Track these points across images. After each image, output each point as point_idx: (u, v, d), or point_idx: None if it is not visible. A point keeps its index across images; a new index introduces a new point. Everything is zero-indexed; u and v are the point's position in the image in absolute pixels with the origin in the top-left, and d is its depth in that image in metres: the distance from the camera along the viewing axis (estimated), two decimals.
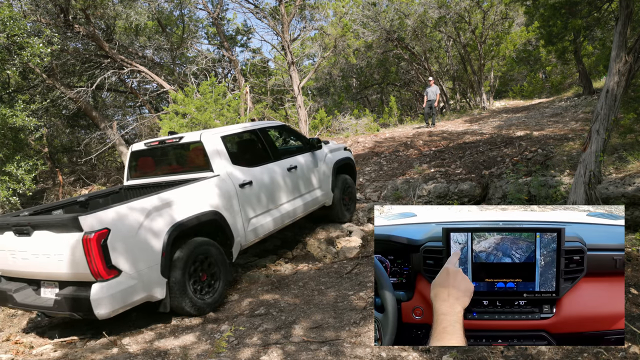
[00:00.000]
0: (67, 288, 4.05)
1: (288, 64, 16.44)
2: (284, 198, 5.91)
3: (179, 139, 5.50)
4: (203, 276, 4.60)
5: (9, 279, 4.65)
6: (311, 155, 6.65)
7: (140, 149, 5.94)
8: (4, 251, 4.40)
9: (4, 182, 8.02)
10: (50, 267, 4.02)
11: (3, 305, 4.71)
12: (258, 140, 6.15)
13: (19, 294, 4.40)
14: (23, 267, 4.28)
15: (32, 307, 4.36)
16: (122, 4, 12.95)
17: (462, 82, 22.04)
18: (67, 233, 3.83)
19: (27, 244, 4.15)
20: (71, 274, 3.92)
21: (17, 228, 4.20)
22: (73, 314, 4.00)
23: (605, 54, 14.79)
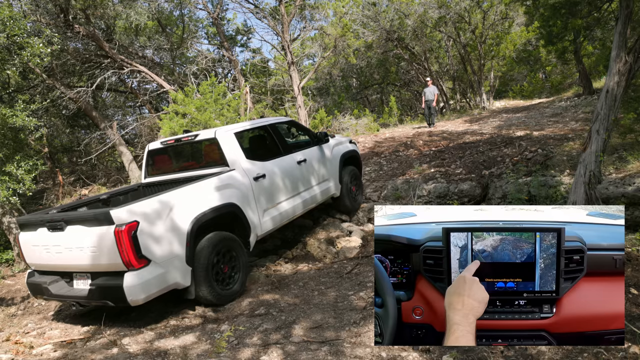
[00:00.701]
0: (100, 278, 4.33)
1: (288, 64, 16.44)
2: (295, 190, 6.15)
3: (194, 136, 5.74)
4: (224, 268, 4.85)
5: (41, 272, 4.95)
6: (319, 148, 6.87)
7: (156, 148, 6.21)
8: (38, 247, 4.68)
9: (4, 182, 8.01)
10: (83, 259, 4.29)
11: (40, 297, 5.02)
12: (269, 136, 6.38)
13: (54, 286, 4.69)
14: (57, 260, 4.56)
15: (67, 298, 4.66)
16: (122, 4, 12.95)
17: (462, 82, 22.04)
18: (100, 227, 4.11)
19: (60, 238, 4.43)
20: (104, 265, 4.19)
21: (51, 224, 4.48)
22: (107, 302, 4.30)
23: (605, 54, 14.79)
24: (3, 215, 9.47)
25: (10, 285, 8.22)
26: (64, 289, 4.68)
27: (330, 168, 6.99)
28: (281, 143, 6.38)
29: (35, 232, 4.72)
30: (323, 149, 6.97)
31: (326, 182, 6.88)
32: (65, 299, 4.71)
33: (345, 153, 7.38)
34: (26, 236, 4.86)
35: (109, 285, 4.19)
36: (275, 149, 6.23)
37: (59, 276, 4.77)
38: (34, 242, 4.73)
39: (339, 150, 7.30)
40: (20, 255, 5.09)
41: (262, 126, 6.40)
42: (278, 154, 6.15)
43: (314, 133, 7.09)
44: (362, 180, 8.31)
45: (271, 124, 6.49)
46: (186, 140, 5.86)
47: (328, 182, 6.92)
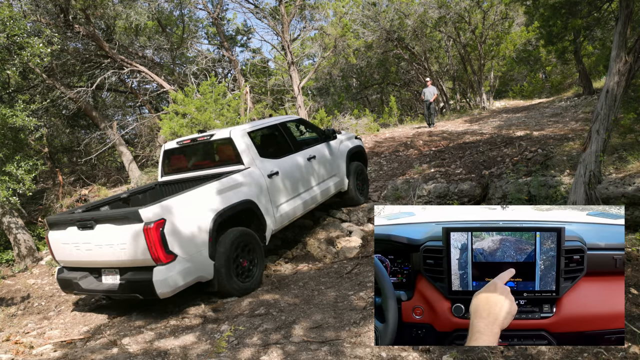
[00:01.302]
0: (129, 273, 4.56)
1: (288, 64, 16.44)
2: (306, 185, 6.41)
3: (209, 136, 5.98)
4: (243, 262, 5.10)
5: (70, 269, 5.18)
6: (327, 145, 7.10)
7: (172, 147, 6.44)
8: (67, 244, 4.91)
9: (4, 182, 8.01)
10: (113, 256, 4.52)
11: (69, 291, 5.26)
12: (280, 134, 6.63)
13: (84, 281, 4.93)
14: (87, 257, 4.79)
15: (97, 292, 4.92)
16: (122, 4, 12.94)
17: (462, 82, 22.03)
18: (129, 225, 4.32)
19: (90, 236, 4.65)
20: (134, 261, 4.41)
21: (81, 223, 4.70)
22: (137, 295, 4.53)
23: (605, 54, 14.79)
24: (3, 215, 9.47)
25: (10, 285, 8.22)
26: (94, 283, 4.90)
27: (338, 164, 7.23)
28: (292, 141, 6.63)
29: (64, 231, 4.93)
30: (331, 145, 7.18)
31: (334, 177, 7.11)
32: (96, 293, 4.99)
33: (351, 149, 7.60)
34: (55, 235, 5.07)
35: (139, 280, 4.42)
36: (286, 146, 6.48)
37: (88, 272, 4.99)
38: (64, 240, 4.95)
39: (345, 146, 7.52)
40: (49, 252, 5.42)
41: (274, 125, 6.63)
42: (289, 151, 6.38)
43: (322, 130, 7.31)
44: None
45: (282, 123, 6.72)
46: (202, 140, 6.07)
47: (336, 177, 7.14)
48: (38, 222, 10.69)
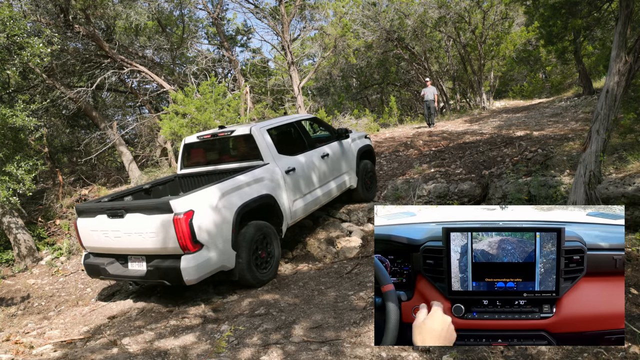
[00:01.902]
0: (155, 260, 4.77)
1: (288, 64, 16.44)
2: (320, 182, 6.66)
3: (230, 132, 6.22)
4: (262, 254, 5.33)
5: (96, 255, 5.40)
6: (339, 143, 7.36)
7: (192, 141, 6.67)
8: (96, 231, 5.12)
9: (4, 182, 8.01)
10: (142, 243, 4.74)
11: (96, 276, 5.47)
12: (296, 131, 6.91)
13: (111, 267, 5.14)
14: (115, 244, 5.00)
15: (124, 278, 5.16)
16: (122, 4, 12.93)
17: (462, 82, 22.03)
18: (160, 215, 4.55)
19: (120, 224, 4.86)
20: (162, 249, 4.64)
21: (112, 212, 4.92)
22: (164, 282, 4.75)
23: (605, 54, 14.78)
24: (3, 215, 9.47)
25: (10, 285, 8.22)
26: (120, 269, 5.12)
27: (349, 162, 7.50)
28: (307, 139, 6.91)
29: (93, 219, 5.14)
30: (343, 144, 7.44)
31: (345, 174, 7.37)
32: (122, 278, 5.24)
33: (361, 147, 7.87)
34: (84, 222, 5.28)
35: (167, 267, 4.63)
36: (302, 144, 6.74)
37: (114, 258, 5.19)
38: (92, 227, 5.16)
39: (356, 145, 7.79)
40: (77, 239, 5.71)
41: (290, 123, 6.89)
42: (304, 148, 6.65)
43: (335, 129, 7.56)
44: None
45: (297, 121, 7.02)
46: (222, 135, 6.31)
47: (346, 175, 7.41)
48: (38, 222, 10.69)
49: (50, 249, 9.68)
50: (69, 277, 8.30)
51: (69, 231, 10.10)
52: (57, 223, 10.56)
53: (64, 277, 8.36)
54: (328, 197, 6.86)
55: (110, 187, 13.57)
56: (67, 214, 10.83)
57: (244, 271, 5.03)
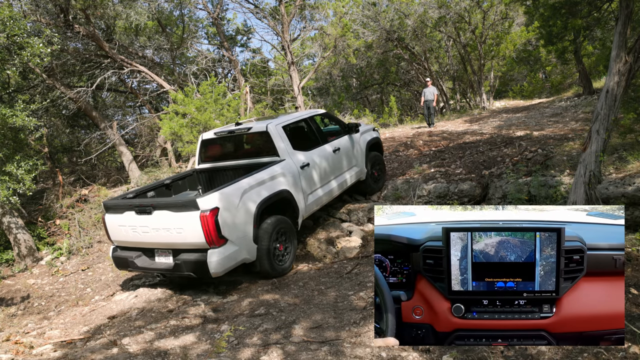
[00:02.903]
0: (183, 254, 5.04)
1: (288, 64, 16.44)
2: (332, 175, 6.91)
3: (247, 129, 6.43)
4: (280, 246, 5.62)
5: (123, 248, 5.68)
6: (349, 137, 7.58)
7: (210, 138, 6.89)
8: (124, 226, 5.39)
9: (4, 182, 8.01)
10: (169, 238, 5.02)
11: (124, 268, 5.77)
12: (308, 127, 7.10)
13: (139, 260, 5.42)
14: (143, 239, 5.27)
15: (151, 270, 5.43)
16: (122, 4, 12.93)
17: (462, 82, 22.01)
18: (187, 212, 4.82)
19: (148, 220, 5.13)
20: (189, 243, 4.92)
21: (140, 208, 5.19)
22: (191, 274, 5.00)
23: (605, 54, 14.78)
24: (3, 215, 9.47)
25: (10, 285, 8.22)
26: (147, 262, 5.40)
27: (358, 155, 7.73)
28: (319, 134, 7.13)
29: (121, 215, 5.40)
30: (353, 137, 7.67)
31: (355, 167, 7.61)
32: (150, 271, 5.50)
33: (370, 140, 8.12)
34: (112, 217, 5.54)
35: (194, 260, 4.89)
36: (315, 139, 6.95)
37: (141, 252, 5.46)
38: (121, 222, 5.42)
39: (365, 137, 8.02)
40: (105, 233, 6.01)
41: (304, 119, 7.08)
42: (317, 144, 6.86)
43: (346, 124, 7.76)
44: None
45: (310, 117, 7.21)
46: (239, 132, 6.52)
47: (356, 167, 7.65)
48: (38, 222, 10.69)
49: (50, 249, 9.68)
50: (69, 277, 8.30)
51: (69, 231, 10.10)
52: (57, 223, 10.56)
53: (64, 277, 8.36)
54: (339, 190, 7.10)
55: (110, 187, 13.57)
56: (67, 214, 10.83)
57: (265, 263, 5.30)
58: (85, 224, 10.22)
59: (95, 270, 8.37)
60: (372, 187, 8.21)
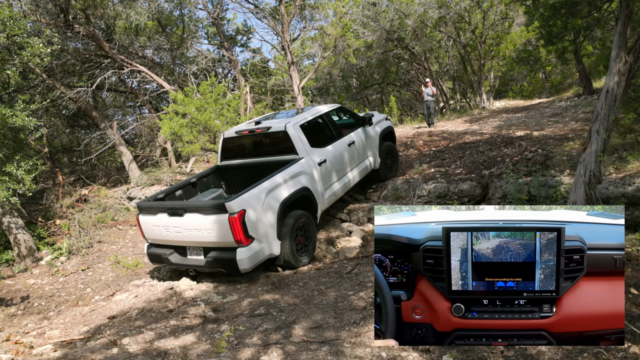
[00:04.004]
0: (213, 252, 5.48)
1: (288, 64, 16.43)
2: (347, 168, 7.27)
3: (266, 128, 6.73)
4: (301, 239, 5.97)
5: (156, 246, 6.11)
6: (363, 130, 7.89)
7: (231, 136, 7.26)
8: (158, 226, 5.83)
9: (4, 182, 8.00)
10: (200, 237, 5.44)
11: (158, 263, 6.26)
12: (324, 124, 7.36)
13: (172, 257, 5.89)
14: (175, 238, 5.70)
15: (184, 266, 5.87)
16: (122, 4, 12.92)
17: (462, 82, 22.00)
18: (216, 215, 5.22)
19: (180, 221, 5.54)
20: (219, 242, 5.34)
21: (172, 211, 5.60)
22: (221, 270, 5.48)
23: (605, 54, 14.76)
24: (3, 215, 9.47)
25: (10, 285, 8.22)
26: (180, 259, 5.85)
27: (372, 145, 8.06)
28: (335, 129, 7.41)
29: (155, 216, 5.83)
30: (366, 129, 7.96)
31: (369, 158, 7.96)
32: (183, 267, 5.93)
33: (383, 130, 8.45)
34: (146, 218, 5.98)
35: (224, 258, 5.32)
36: (330, 135, 7.24)
37: (173, 249, 5.91)
38: (154, 223, 5.86)
39: (378, 128, 8.32)
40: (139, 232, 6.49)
41: (320, 115, 7.34)
42: (333, 139, 7.17)
43: (360, 117, 8.04)
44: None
45: (326, 113, 7.48)
46: (258, 131, 6.82)
47: (370, 158, 7.99)
48: (38, 222, 10.69)
49: (50, 249, 9.68)
50: (69, 277, 8.30)
51: (69, 231, 10.10)
52: (57, 223, 10.56)
53: (64, 277, 8.36)
54: (354, 182, 7.45)
55: (110, 187, 13.56)
56: (67, 214, 10.83)
57: (288, 257, 5.69)
58: (85, 224, 10.22)
59: (95, 270, 8.37)
60: (386, 175, 8.55)
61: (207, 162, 14.08)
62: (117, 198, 11.75)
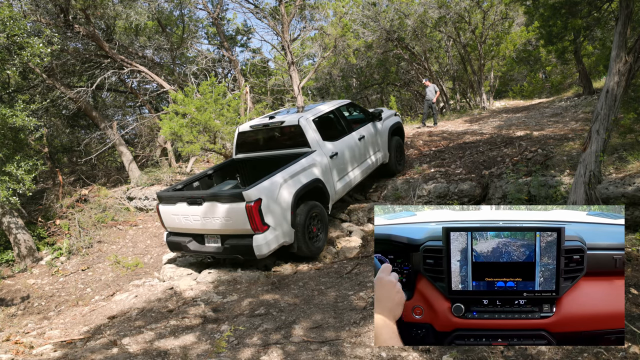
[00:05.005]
0: (230, 239, 5.71)
1: (288, 64, 16.43)
2: (358, 162, 7.51)
3: (280, 122, 7.00)
4: (314, 228, 6.19)
5: (175, 234, 6.33)
6: (373, 125, 8.16)
7: (246, 130, 7.56)
8: (177, 215, 6.06)
9: (4, 182, 8.00)
10: (218, 225, 5.68)
11: (177, 251, 6.52)
12: (336, 118, 7.62)
13: (191, 244, 6.12)
14: (194, 226, 5.93)
15: (202, 253, 6.13)
16: (122, 4, 12.92)
17: (462, 82, 22.00)
18: (234, 203, 5.45)
19: (199, 210, 5.77)
20: (237, 230, 5.58)
21: (191, 200, 5.83)
22: (238, 256, 5.77)
23: (605, 54, 14.76)
24: (3, 215, 9.47)
25: (10, 285, 8.22)
26: (198, 246, 6.07)
27: (382, 140, 8.32)
28: (345, 123, 7.66)
29: (174, 206, 6.06)
30: (376, 124, 8.24)
31: (378, 152, 8.22)
32: (201, 254, 6.21)
33: (392, 126, 8.69)
34: (166, 207, 6.22)
35: (241, 245, 5.56)
36: (341, 129, 7.50)
37: (192, 237, 6.13)
38: (174, 212, 6.10)
39: (387, 124, 8.58)
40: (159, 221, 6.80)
41: (331, 110, 7.59)
42: (344, 133, 7.42)
43: (370, 112, 8.31)
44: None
45: (337, 108, 7.71)
46: (273, 125, 7.08)
47: (380, 152, 8.26)
48: (38, 222, 10.69)
49: (50, 249, 9.68)
50: (69, 277, 8.30)
51: (69, 231, 10.10)
52: (57, 223, 10.56)
53: (64, 277, 8.36)
54: (365, 174, 7.70)
55: (110, 187, 13.56)
56: (67, 214, 10.83)
57: (301, 244, 5.93)
58: (85, 224, 10.22)
59: (95, 270, 8.37)
60: (395, 169, 8.80)
61: (207, 162, 14.08)
62: (117, 198, 11.75)
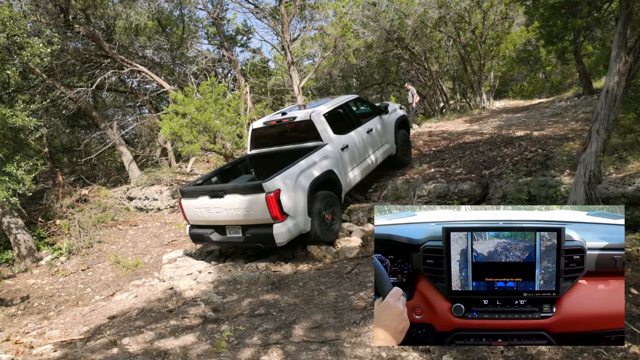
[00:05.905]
0: (251, 229, 6.05)
1: (288, 64, 16.42)
2: (367, 154, 7.88)
3: (292, 118, 7.39)
4: (328, 216, 6.53)
5: (197, 226, 6.63)
6: (380, 118, 8.55)
7: (259, 127, 7.92)
8: (199, 208, 6.37)
9: (3, 182, 8.00)
10: (239, 216, 6.00)
11: (200, 242, 6.89)
12: (345, 112, 7.93)
13: (213, 236, 6.45)
14: (216, 217, 6.26)
15: (224, 243, 6.51)
16: (122, 4, 12.92)
17: (462, 82, 21.99)
18: (254, 195, 5.80)
19: (220, 202, 6.11)
20: (257, 219, 5.92)
21: (213, 193, 6.19)
22: (259, 245, 6.09)
23: (605, 54, 14.74)
24: (3, 215, 9.46)
25: (10, 285, 8.22)
26: (220, 237, 6.40)
27: (389, 133, 8.70)
28: (354, 117, 8.02)
29: (196, 199, 6.38)
30: (383, 118, 8.62)
31: (386, 144, 8.59)
32: (224, 244, 6.60)
33: (398, 119, 9.05)
34: (188, 201, 6.53)
35: (262, 233, 5.90)
36: (351, 123, 7.82)
37: (213, 228, 6.45)
38: (196, 205, 6.40)
39: (393, 117, 8.97)
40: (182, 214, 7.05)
41: (341, 105, 7.91)
42: (353, 126, 7.75)
43: (377, 106, 8.71)
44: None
45: (346, 103, 8.06)
46: (285, 121, 7.45)
47: (387, 144, 8.63)
48: (38, 222, 10.68)
49: (50, 249, 9.68)
50: (69, 277, 8.30)
51: (69, 231, 10.10)
52: (57, 223, 10.55)
53: (64, 277, 8.36)
54: (374, 165, 8.08)
55: (110, 187, 13.56)
56: (67, 214, 10.83)
57: (317, 232, 6.23)
58: (85, 224, 10.22)
59: (95, 270, 8.37)
60: (403, 160, 9.16)
61: (207, 162, 14.08)
62: (117, 198, 11.75)
